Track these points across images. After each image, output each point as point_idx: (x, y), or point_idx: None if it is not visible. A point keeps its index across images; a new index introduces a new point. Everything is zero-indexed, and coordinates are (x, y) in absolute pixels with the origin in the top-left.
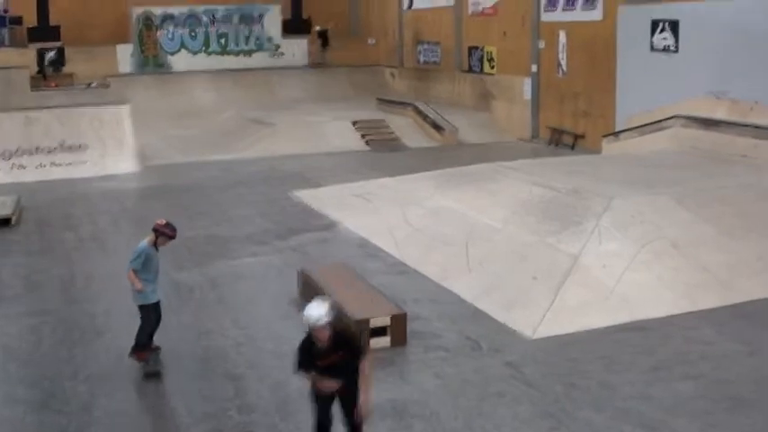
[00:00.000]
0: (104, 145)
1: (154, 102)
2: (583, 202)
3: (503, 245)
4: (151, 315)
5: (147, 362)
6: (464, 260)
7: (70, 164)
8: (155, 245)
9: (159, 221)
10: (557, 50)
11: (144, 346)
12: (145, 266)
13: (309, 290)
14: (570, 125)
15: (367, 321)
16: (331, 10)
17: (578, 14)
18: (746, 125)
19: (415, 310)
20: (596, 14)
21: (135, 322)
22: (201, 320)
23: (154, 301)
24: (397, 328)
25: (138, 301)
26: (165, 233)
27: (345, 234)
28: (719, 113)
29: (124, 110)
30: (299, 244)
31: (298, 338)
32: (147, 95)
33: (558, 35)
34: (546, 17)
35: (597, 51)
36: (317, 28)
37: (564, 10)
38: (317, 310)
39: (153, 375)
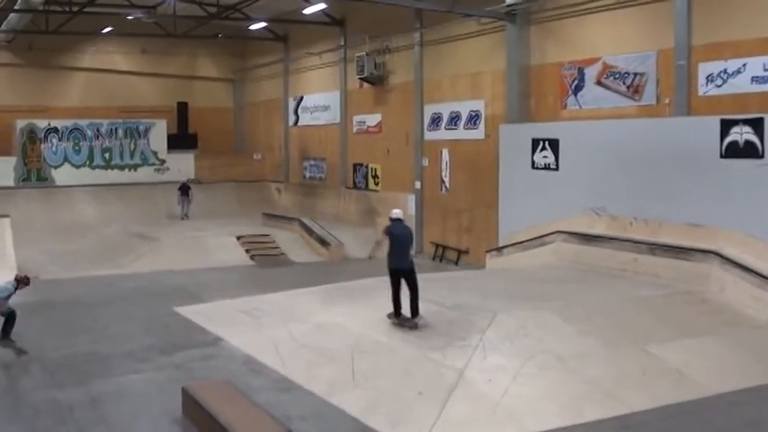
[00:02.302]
0: None
1: (36, 215)
2: (467, 316)
3: (388, 359)
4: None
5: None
6: (350, 375)
7: None
8: (16, 288)
9: (19, 275)
10: (440, 168)
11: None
12: (7, 298)
13: (192, 408)
14: (454, 241)
15: None
16: (217, 125)
17: (461, 133)
18: (626, 240)
19: (301, 427)
20: (478, 133)
21: None
22: None
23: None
24: None
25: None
26: (24, 282)
27: (230, 350)
28: (599, 229)
29: (5, 223)
30: (183, 361)
31: None
32: (30, 209)
33: (441, 153)
34: (429, 135)
35: (480, 169)
36: (184, 179)
37: (447, 129)
38: None
39: (22, 352)
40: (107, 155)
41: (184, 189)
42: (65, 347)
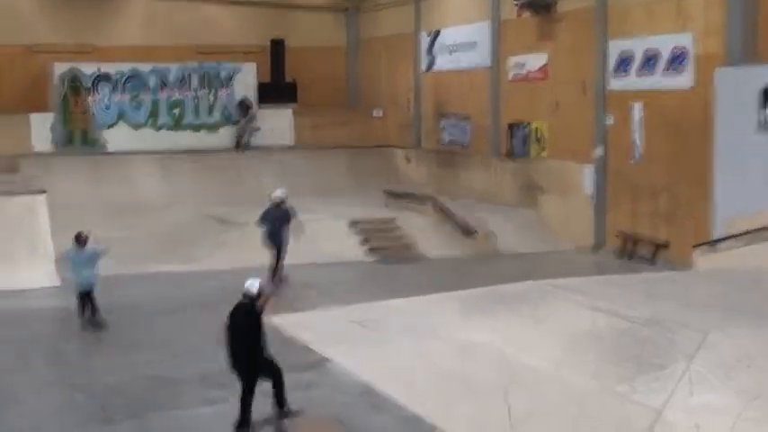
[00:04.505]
0: (10, 249)
1: (82, 192)
2: (667, 336)
3: (556, 394)
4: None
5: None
6: (503, 415)
7: None
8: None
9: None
10: (630, 129)
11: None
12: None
13: None
14: (649, 230)
15: None
16: (323, 71)
17: (659, 80)
18: None
19: None
20: (684, 80)
21: None
22: None
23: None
24: None
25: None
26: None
27: (340, 376)
28: None
29: (39, 202)
30: None
31: None
32: (73, 183)
33: (631, 108)
34: (615, 84)
35: (686, 130)
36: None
37: (639, 75)
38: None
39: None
40: (177, 111)
41: (243, 107)
42: (118, 369)
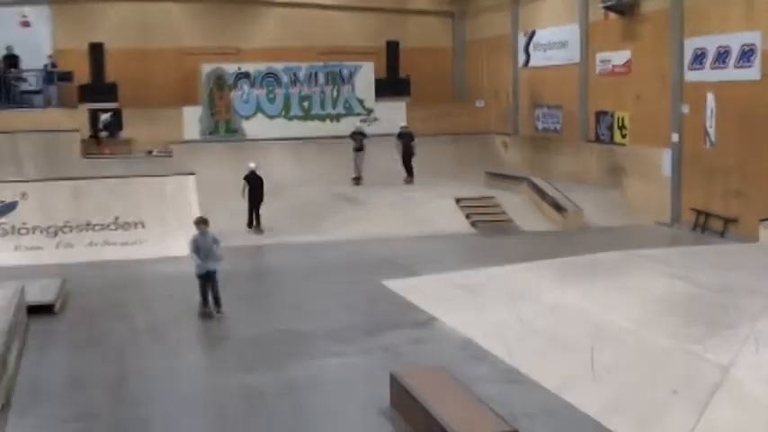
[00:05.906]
0: (165, 222)
1: (224, 173)
2: (735, 300)
3: (636, 351)
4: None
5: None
6: (588, 368)
7: (125, 243)
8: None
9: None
10: (704, 117)
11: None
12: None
13: (402, 398)
14: (720, 207)
15: None
16: (432, 69)
17: (731, 73)
18: None
19: (528, 426)
20: (752, 73)
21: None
22: None
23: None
24: None
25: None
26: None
27: (446, 332)
28: None
29: (189, 182)
30: (391, 343)
31: None
32: (217, 166)
33: (705, 98)
34: (691, 76)
35: (755, 118)
36: (359, 124)
37: (713, 68)
38: None
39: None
40: (306, 104)
41: (358, 139)
42: (256, 324)
